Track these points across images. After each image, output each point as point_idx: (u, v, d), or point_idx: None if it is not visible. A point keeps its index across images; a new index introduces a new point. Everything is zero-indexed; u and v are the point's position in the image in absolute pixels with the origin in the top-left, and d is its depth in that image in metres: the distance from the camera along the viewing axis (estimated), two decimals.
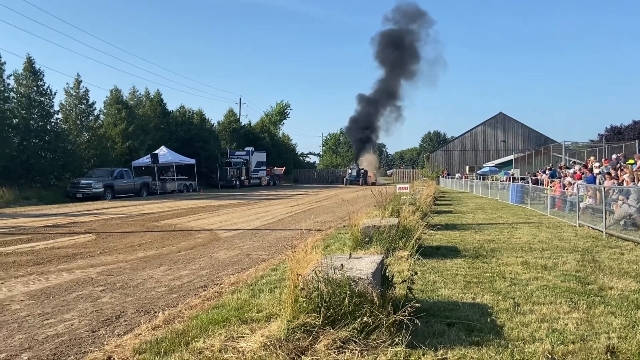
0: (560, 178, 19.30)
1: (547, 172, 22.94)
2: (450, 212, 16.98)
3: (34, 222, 14.38)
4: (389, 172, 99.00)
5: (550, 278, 6.22)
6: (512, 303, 5.01)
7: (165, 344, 3.96)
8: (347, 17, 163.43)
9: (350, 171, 55.02)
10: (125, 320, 4.86)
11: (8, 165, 24.29)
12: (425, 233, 9.67)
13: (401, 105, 79.29)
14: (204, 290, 6.05)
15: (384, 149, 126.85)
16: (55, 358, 3.89)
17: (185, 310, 5.06)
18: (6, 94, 26.56)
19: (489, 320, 4.46)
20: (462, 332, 4.12)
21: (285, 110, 74.88)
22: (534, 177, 23.99)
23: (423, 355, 3.63)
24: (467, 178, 43.24)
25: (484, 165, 50.57)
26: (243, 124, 58.60)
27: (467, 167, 55.90)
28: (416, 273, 5.13)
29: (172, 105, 43.58)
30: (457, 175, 51.28)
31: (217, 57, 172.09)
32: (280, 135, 70.77)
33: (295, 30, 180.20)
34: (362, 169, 55.71)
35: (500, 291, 5.53)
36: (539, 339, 3.96)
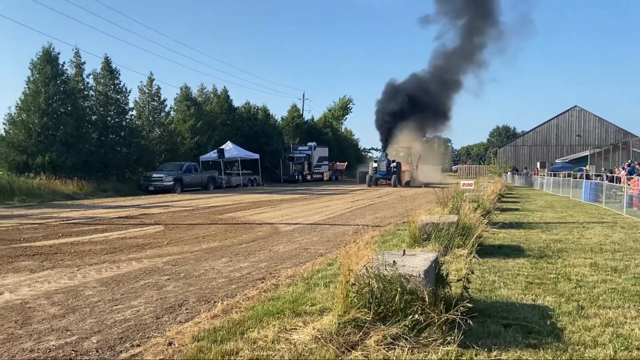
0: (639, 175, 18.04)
1: (625, 168, 21.51)
2: (516, 210, 16.34)
3: (109, 213, 15.32)
4: (454, 167, 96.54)
5: (620, 281, 5.87)
6: (576, 306, 4.79)
7: (222, 332, 4.12)
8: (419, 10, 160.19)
9: (376, 165, 36.74)
10: (186, 309, 5.10)
11: (87, 159, 25.94)
12: (487, 231, 9.39)
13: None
14: (262, 282, 6.22)
15: (449, 144, 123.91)
16: (122, 342, 4.16)
17: (243, 301, 5.24)
18: (86, 92, 28.36)
19: (548, 322, 4.29)
20: (519, 334, 4.00)
21: (348, 106, 74.79)
22: (610, 174, 22.58)
23: (476, 355, 3.56)
24: (538, 174, 41.38)
25: (556, 161, 48.16)
26: (306, 119, 59.18)
27: (538, 163, 53.42)
28: (473, 272, 5.01)
29: (238, 102, 44.77)
30: (525, 171, 49.13)
31: (281, 53, 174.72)
32: (343, 130, 70.79)
33: (359, 26, 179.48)
34: (394, 162, 36.80)
35: (564, 293, 5.29)
36: (601, 344, 3.77)
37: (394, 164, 36.35)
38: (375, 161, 37.33)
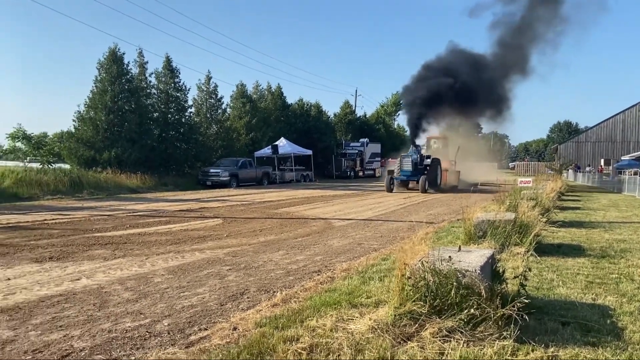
0: None
1: None
2: (577, 208, 15.78)
3: (171, 206, 16.05)
4: (511, 164, 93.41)
5: None
6: (639, 306, 4.68)
7: (282, 320, 4.34)
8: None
9: (402, 161, 26.11)
10: (248, 297, 5.38)
11: (149, 154, 27.18)
12: (546, 230, 9.18)
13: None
14: (318, 274, 6.43)
15: (506, 140, 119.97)
16: (190, 325, 4.47)
17: (301, 291, 5.46)
18: (148, 91, 29.69)
19: (608, 322, 4.23)
20: (577, 332, 3.98)
21: (401, 102, 74.05)
22: None
23: (532, 351, 3.59)
24: (602, 172, 39.52)
25: (622, 158, 45.72)
26: (358, 115, 59.14)
27: (602, 160, 50.93)
28: (530, 269, 4.98)
29: (291, 98, 45.39)
30: (588, 168, 46.95)
31: (335, 50, 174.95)
32: (395, 126, 70.22)
33: (411, 21, 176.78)
34: (428, 158, 26.49)
35: (626, 293, 5.17)
36: None
37: (428, 160, 25.86)
38: (406, 156, 25.94)
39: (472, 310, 3.85)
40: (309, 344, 3.76)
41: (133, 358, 3.69)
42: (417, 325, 3.90)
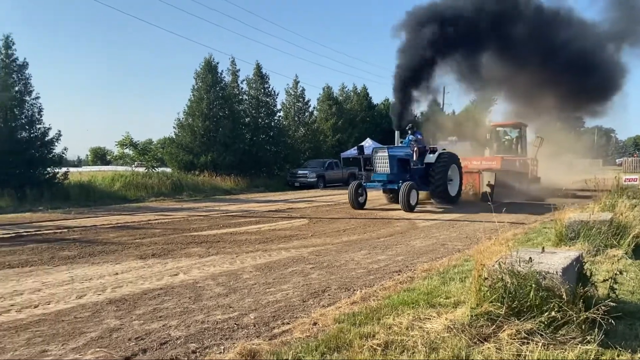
0: None
1: None
2: None
3: (261, 207, 16.78)
4: (618, 160, 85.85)
5: None
6: None
7: (360, 317, 4.49)
8: None
9: (375, 158, 16.06)
10: (329, 295, 5.59)
11: (242, 158, 28.55)
12: None
13: None
14: (398, 274, 6.49)
15: (612, 134, 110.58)
16: (274, 319, 4.75)
17: (380, 290, 5.57)
18: (240, 97, 31.21)
19: None
20: None
21: (493, 97, 70.97)
22: None
23: (617, 356, 3.44)
24: None
25: None
26: (446, 113, 57.65)
27: None
28: (621, 272, 4.71)
29: (377, 99, 45.47)
30: None
31: None
32: (487, 123, 67.44)
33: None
34: (433, 152, 16.19)
35: None
36: None
37: (432, 156, 16.03)
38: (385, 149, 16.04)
39: (552, 313, 3.74)
40: (384, 341, 3.87)
41: (222, 347, 4.02)
42: (494, 326, 3.87)
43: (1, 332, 4.34)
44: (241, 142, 28.83)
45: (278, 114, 33.38)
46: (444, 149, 16.93)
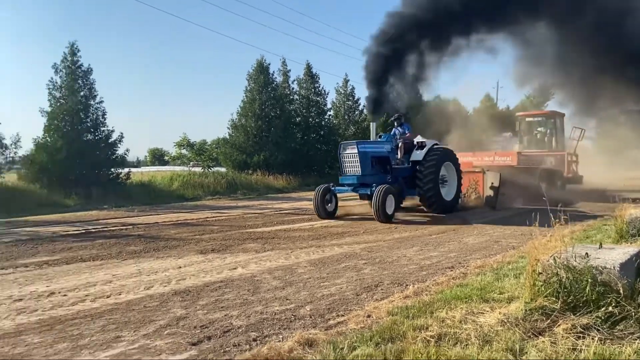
0: None
1: None
2: None
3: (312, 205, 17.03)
4: None
5: None
6: None
7: (413, 310, 4.59)
8: None
9: (342, 157, 13.02)
10: (381, 289, 5.71)
11: (293, 157, 29.03)
12: None
13: None
14: (451, 270, 6.52)
15: None
16: (329, 311, 4.93)
17: (432, 285, 5.63)
18: (291, 97, 31.73)
19: None
20: None
21: (550, 91, 68.29)
22: None
23: None
24: None
25: None
26: (500, 108, 56.12)
27: None
28: None
29: (428, 95, 44.89)
30: None
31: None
32: None
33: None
34: (421, 148, 13.44)
35: None
36: None
37: (420, 152, 13.39)
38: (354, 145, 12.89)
39: (609, 308, 3.72)
40: (438, 333, 3.96)
41: (281, 336, 4.24)
42: (549, 320, 3.87)
43: (78, 320, 4.73)
44: (292, 142, 29.31)
45: (328, 113, 33.69)
46: (437, 143, 13.83)
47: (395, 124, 14.48)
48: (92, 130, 20.28)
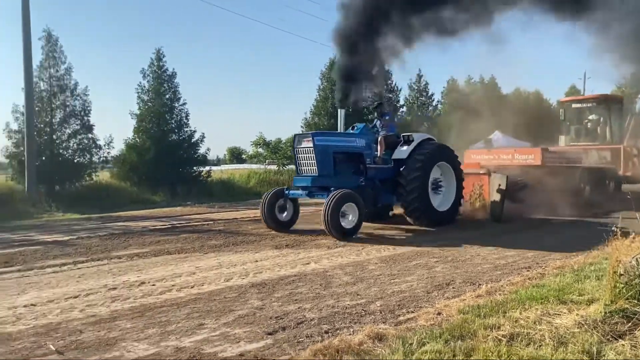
0: None
1: None
2: None
3: None
4: None
5: None
6: None
7: (485, 309, 4.55)
8: None
9: (296, 153, 10.42)
10: (453, 287, 5.69)
11: None
12: None
13: None
14: (527, 270, 6.35)
15: None
16: (399, 308, 5.00)
17: (507, 285, 5.53)
18: (364, 94, 31.81)
19: None
20: None
21: None
22: None
23: None
24: None
25: None
26: None
27: None
28: None
29: (507, 88, 43.11)
30: None
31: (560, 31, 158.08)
32: (638, 109, 60.21)
33: None
34: (408, 143, 10.63)
35: None
36: None
37: (405, 149, 10.58)
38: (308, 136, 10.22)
39: None
40: (510, 333, 3.92)
41: (351, 329, 4.38)
42: (629, 323, 3.72)
43: (166, 308, 5.13)
44: None
45: (401, 109, 33.34)
46: (430, 138, 11.21)
47: (376, 114, 12.20)
48: (176, 130, 21.56)
